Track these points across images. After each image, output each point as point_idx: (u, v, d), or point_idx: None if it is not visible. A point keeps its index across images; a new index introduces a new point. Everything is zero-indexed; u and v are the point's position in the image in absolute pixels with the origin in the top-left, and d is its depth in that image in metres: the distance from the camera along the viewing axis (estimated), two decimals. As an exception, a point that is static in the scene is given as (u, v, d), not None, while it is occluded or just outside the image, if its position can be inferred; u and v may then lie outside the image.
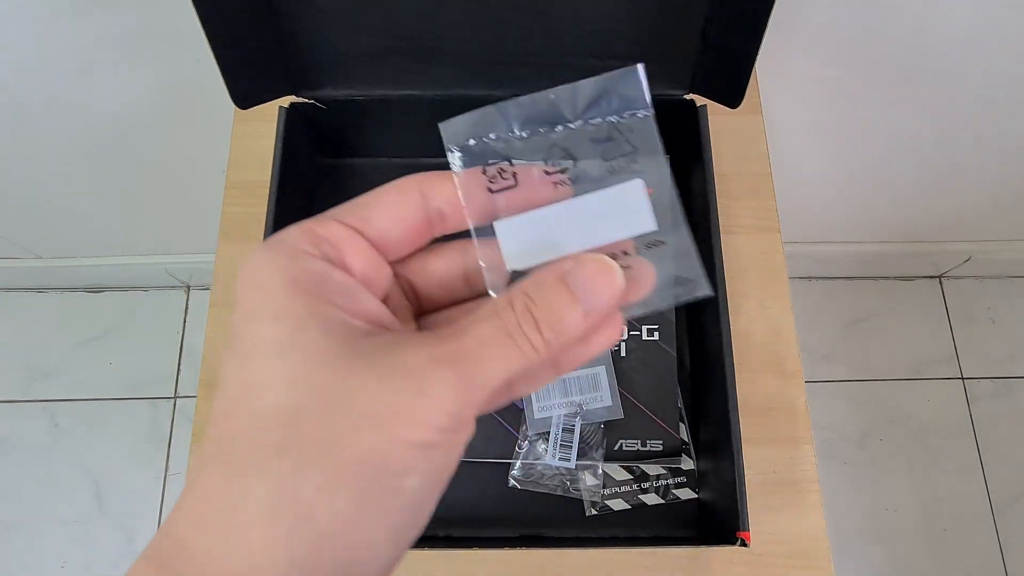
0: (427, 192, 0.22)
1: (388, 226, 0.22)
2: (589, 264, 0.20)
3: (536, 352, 0.20)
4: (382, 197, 0.22)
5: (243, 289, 0.20)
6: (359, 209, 0.22)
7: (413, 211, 0.22)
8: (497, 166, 0.22)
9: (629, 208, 0.21)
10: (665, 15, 0.46)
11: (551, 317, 0.20)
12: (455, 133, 0.22)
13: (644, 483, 0.50)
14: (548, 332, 0.20)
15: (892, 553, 1.12)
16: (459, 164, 0.22)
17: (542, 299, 0.20)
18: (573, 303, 0.20)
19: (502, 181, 0.22)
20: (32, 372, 1.21)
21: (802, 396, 0.53)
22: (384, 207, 0.22)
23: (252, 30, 0.45)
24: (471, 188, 0.22)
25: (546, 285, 0.20)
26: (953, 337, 1.24)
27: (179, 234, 1.08)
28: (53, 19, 0.64)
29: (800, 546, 0.49)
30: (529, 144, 0.22)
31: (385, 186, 0.22)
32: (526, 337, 0.20)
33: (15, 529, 1.11)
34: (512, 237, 0.21)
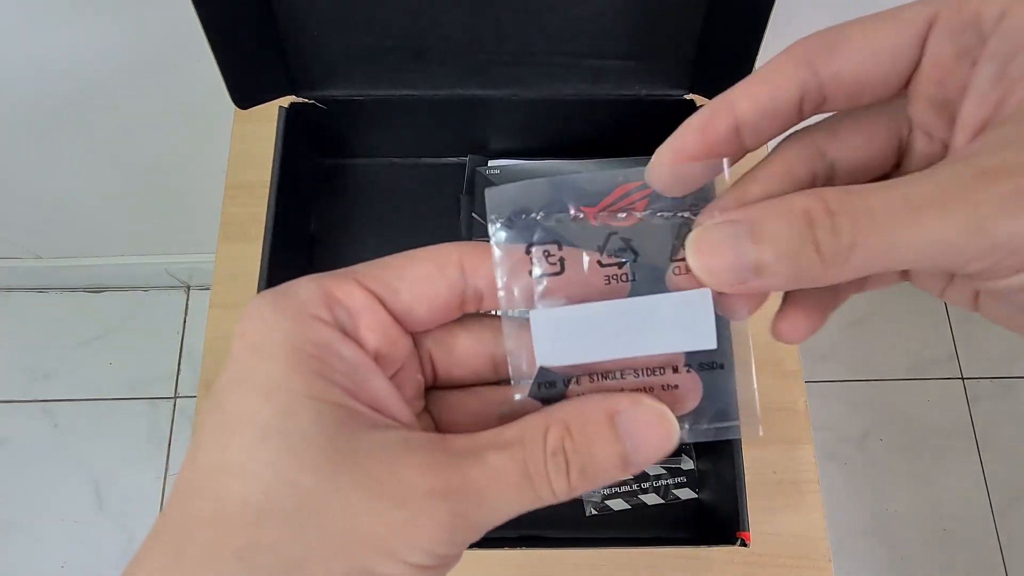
0: (469, 269, 0.19)
1: (416, 301, 0.19)
2: (646, 411, 0.18)
3: (554, 497, 0.18)
4: (416, 266, 0.19)
5: (240, 348, 0.18)
6: (387, 274, 0.19)
7: (448, 288, 0.19)
8: (544, 248, 0.19)
9: (690, 319, 0.19)
10: (664, 15, 0.46)
11: (587, 461, 0.17)
12: (501, 202, 0.19)
13: (644, 483, 0.50)
14: (578, 478, 0.17)
15: (892, 553, 1.12)
16: (501, 238, 0.19)
17: (583, 438, 0.17)
18: (617, 452, 0.17)
19: (547, 265, 0.19)
20: (32, 372, 1.21)
21: (802, 396, 0.53)
22: (416, 279, 0.19)
23: (252, 30, 0.45)
24: (510, 268, 0.19)
25: (592, 422, 0.18)
26: (953, 337, 1.24)
27: (179, 234, 1.08)
28: (55, 20, 0.64)
29: (800, 546, 0.49)
30: (585, 228, 0.19)
31: (421, 252, 0.19)
32: (548, 480, 0.17)
33: (15, 529, 1.11)
34: (548, 330, 0.19)
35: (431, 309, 0.19)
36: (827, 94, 0.19)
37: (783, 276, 0.17)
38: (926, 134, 0.20)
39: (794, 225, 0.17)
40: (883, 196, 0.16)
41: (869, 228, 0.16)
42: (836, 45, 0.18)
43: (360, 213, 0.57)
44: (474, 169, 0.56)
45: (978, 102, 0.18)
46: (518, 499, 0.17)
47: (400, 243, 0.65)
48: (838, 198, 0.16)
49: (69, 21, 0.64)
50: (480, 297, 0.20)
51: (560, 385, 0.19)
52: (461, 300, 0.20)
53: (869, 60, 0.18)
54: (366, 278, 0.19)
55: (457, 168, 0.58)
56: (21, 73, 0.70)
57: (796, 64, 0.19)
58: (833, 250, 0.16)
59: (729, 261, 0.17)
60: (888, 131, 0.20)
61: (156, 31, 0.66)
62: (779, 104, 0.19)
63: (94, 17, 0.64)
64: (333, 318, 0.18)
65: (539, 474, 0.17)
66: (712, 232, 0.18)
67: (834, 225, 0.16)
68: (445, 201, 0.57)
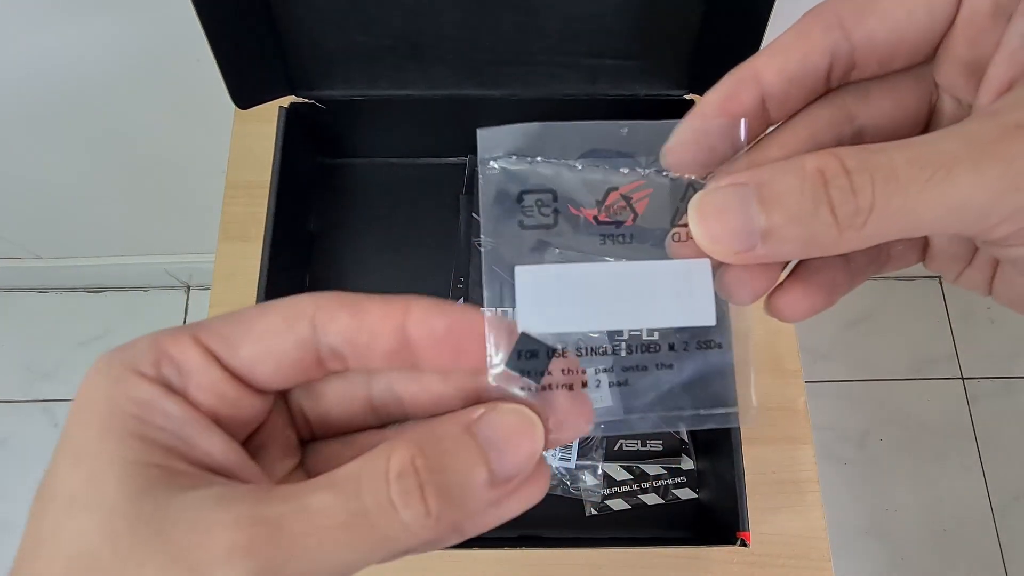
0: (320, 324, 0.17)
1: (260, 357, 0.17)
2: (508, 415, 0.16)
3: (410, 535, 0.15)
4: (264, 319, 0.17)
5: (70, 410, 0.16)
6: (231, 329, 0.17)
7: (294, 345, 0.17)
8: (537, 196, 0.17)
9: (687, 291, 0.17)
10: (663, 14, 0.46)
11: (445, 479, 0.15)
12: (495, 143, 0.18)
13: (644, 483, 0.50)
14: (438, 502, 0.15)
15: (892, 553, 1.12)
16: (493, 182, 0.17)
17: (437, 453, 0.15)
18: (480, 462, 0.16)
19: (539, 216, 0.17)
20: (32, 372, 1.21)
21: (802, 396, 0.53)
22: (261, 334, 0.17)
23: (252, 30, 0.45)
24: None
25: (447, 436, 0.16)
26: (953, 337, 1.24)
27: (179, 234, 1.07)
28: (55, 19, 0.64)
29: (800, 546, 0.49)
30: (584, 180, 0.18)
31: (275, 304, 0.17)
32: (394, 511, 0.15)
33: (15, 529, 1.10)
34: (533, 290, 0.17)
35: (279, 367, 0.17)
36: (858, 60, 0.18)
37: (793, 242, 0.15)
38: (954, 98, 0.19)
39: (806, 185, 0.15)
40: (907, 153, 0.15)
41: (892, 188, 0.14)
42: (867, 5, 0.17)
43: (360, 213, 0.57)
44: (474, 169, 0.56)
45: (1007, 59, 0.17)
46: (352, 544, 0.15)
47: (400, 243, 0.65)
48: (856, 155, 0.15)
49: (69, 21, 0.64)
50: (340, 357, 0.17)
51: (543, 356, 0.17)
52: (316, 358, 0.17)
53: (904, 20, 0.17)
54: (205, 333, 0.17)
55: (457, 168, 0.57)
56: (21, 72, 0.70)
57: (825, 27, 0.17)
58: (850, 212, 0.15)
59: (734, 226, 0.16)
60: (917, 95, 0.19)
61: (156, 31, 0.66)
62: (807, 72, 0.18)
63: (94, 17, 0.64)
64: (158, 375, 0.16)
65: (380, 505, 0.15)
66: (717, 195, 0.16)
67: (852, 184, 0.15)
68: (445, 201, 0.57)
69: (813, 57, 0.17)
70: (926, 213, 0.15)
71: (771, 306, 0.20)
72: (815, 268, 0.19)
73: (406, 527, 0.15)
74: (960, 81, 0.18)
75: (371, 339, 0.17)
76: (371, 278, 0.55)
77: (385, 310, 0.17)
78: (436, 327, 0.17)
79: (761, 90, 0.18)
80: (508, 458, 0.16)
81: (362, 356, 0.17)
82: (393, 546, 0.15)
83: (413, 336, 0.17)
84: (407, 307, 0.17)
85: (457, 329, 0.17)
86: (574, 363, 0.17)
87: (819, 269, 0.19)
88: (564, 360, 0.17)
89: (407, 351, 0.17)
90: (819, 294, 0.19)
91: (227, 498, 0.15)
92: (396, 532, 0.15)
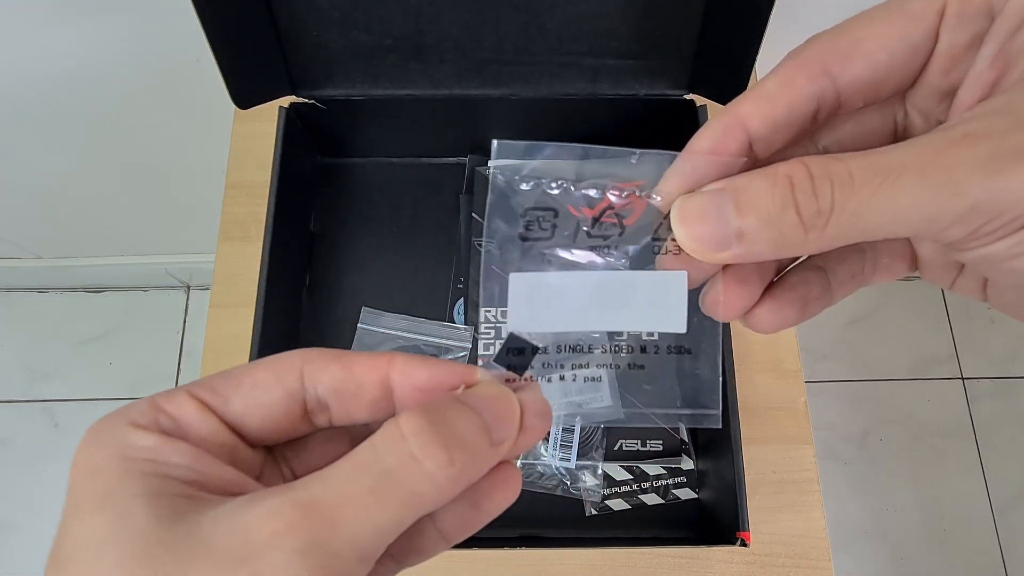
0: (309, 376, 0.18)
1: (250, 409, 0.18)
2: (488, 387, 0.18)
3: (436, 487, 0.16)
4: (254, 373, 0.18)
5: (72, 476, 0.16)
6: (222, 383, 0.18)
7: (283, 396, 0.18)
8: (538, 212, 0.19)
9: (664, 301, 0.19)
10: (664, 14, 0.46)
11: (457, 432, 0.16)
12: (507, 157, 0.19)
13: (644, 483, 0.50)
14: (456, 449, 0.16)
15: (892, 553, 1.12)
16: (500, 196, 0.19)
17: (441, 415, 0.17)
18: (477, 421, 0.17)
19: (537, 229, 0.19)
20: (32, 372, 1.21)
21: (802, 396, 0.53)
22: (251, 387, 0.18)
23: (252, 30, 0.45)
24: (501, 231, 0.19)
25: (443, 404, 0.17)
26: (953, 337, 1.24)
27: (179, 234, 1.08)
28: (55, 19, 0.64)
29: (800, 546, 0.49)
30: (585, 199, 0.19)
31: (265, 359, 0.19)
32: (421, 466, 0.16)
33: (15, 529, 1.11)
34: (525, 294, 0.19)
35: (268, 419, 0.18)
36: (844, 101, 0.19)
37: (764, 242, 0.17)
38: (924, 115, 0.20)
39: (776, 190, 0.17)
40: (863, 161, 0.16)
41: (848, 192, 0.16)
42: (850, 50, 0.18)
43: (360, 213, 0.57)
44: (474, 169, 0.56)
45: (975, 80, 0.18)
46: (385, 504, 0.15)
47: (400, 243, 0.65)
48: (819, 163, 0.16)
49: (69, 22, 0.64)
50: (326, 408, 0.18)
51: (529, 353, 0.19)
52: (303, 410, 0.18)
53: (885, 62, 0.18)
54: (199, 388, 0.18)
55: (457, 168, 0.58)
56: (21, 73, 0.70)
57: (810, 76, 0.18)
58: (812, 213, 0.16)
59: (712, 228, 0.17)
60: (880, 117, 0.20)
61: (156, 31, 0.66)
62: (794, 118, 0.19)
63: (94, 18, 0.64)
64: (158, 426, 0.17)
65: (403, 463, 0.16)
66: (697, 199, 0.18)
67: (815, 188, 0.16)
68: (445, 200, 0.57)
69: (799, 105, 0.19)
70: (878, 216, 0.16)
71: (746, 319, 0.21)
72: (789, 284, 0.21)
73: (431, 477, 0.16)
74: (933, 105, 0.19)
75: (358, 389, 0.18)
76: (371, 278, 0.55)
77: (371, 363, 0.18)
78: (418, 378, 0.18)
79: (748, 135, 0.19)
80: (498, 419, 0.17)
81: (347, 406, 0.18)
82: (421, 501, 0.16)
83: (396, 386, 0.18)
84: (391, 360, 0.18)
85: (436, 380, 0.18)
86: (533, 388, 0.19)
87: (793, 286, 0.21)
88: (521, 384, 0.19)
89: (388, 400, 0.18)
90: (792, 308, 0.21)
91: (256, 498, 0.16)
92: (422, 485, 0.16)
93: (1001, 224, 0.16)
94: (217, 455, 0.17)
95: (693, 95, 0.50)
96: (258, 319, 0.45)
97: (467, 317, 0.53)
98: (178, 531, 0.15)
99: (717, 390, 0.20)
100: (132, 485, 0.16)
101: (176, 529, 0.15)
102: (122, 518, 0.15)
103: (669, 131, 0.52)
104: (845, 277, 0.21)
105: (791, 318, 0.21)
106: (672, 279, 0.19)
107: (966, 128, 0.16)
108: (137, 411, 0.17)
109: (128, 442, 0.17)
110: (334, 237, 0.57)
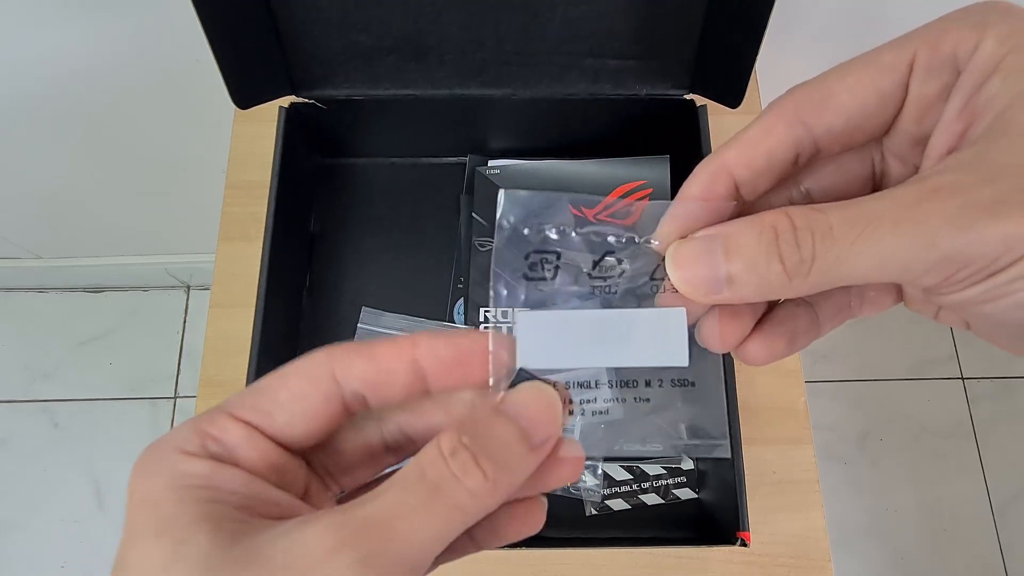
0: (341, 376, 0.19)
1: (293, 421, 0.19)
2: (524, 391, 0.19)
3: (476, 500, 0.17)
4: (288, 384, 0.19)
5: (130, 506, 0.17)
6: (260, 401, 0.19)
7: (322, 401, 0.19)
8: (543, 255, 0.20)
9: (665, 336, 0.20)
10: (665, 15, 0.46)
11: (491, 447, 0.17)
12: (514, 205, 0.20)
13: (644, 483, 0.50)
14: (492, 468, 0.17)
15: (892, 553, 1.12)
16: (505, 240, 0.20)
17: (478, 429, 0.17)
18: (514, 429, 0.18)
19: (541, 271, 0.20)
20: (32, 372, 1.21)
21: (802, 396, 0.53)
22: (290, 400, 0.19)
23: (252, 30, 0.45)
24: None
25: (481, 417, 0.18)
26: (953, 337, 1.24)
27: (179, 234, 1.08)
28: (55, 19, 0.64)
29: (800, 546, 0.49)
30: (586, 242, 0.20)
31: (292, 369, 0.19)
32: (459, 482, 0.17)
33: (15, 529, 1.11)
34: (532, 332, 0.19)
35: (311, 425, 0.19)
36: (821, 147, 0.20)
37: (751, 286, 0.18)
38: (902, 163, 0.21)
39: (762, 239, 0.18)
40: (841, 213, 0.17)
41: (828, 243, 0.17)
42: (824, 101, 0.19)
43: (360, 213, 0.57)
44: (474, 169, 0.56)
45: (944, 132, 0.19)
46: (433, 518, 0.16)
47: (400, 243, 0.65)
48: (802, 214, 0.18)
49: (69, 21, 0.64)
50: (362, 399, 0.19)
51: None
52: (342, 408, 0.19)
53: (858, 112, 0.19)
54: (239, 409, 0.18)
55: (457, 168, 0.57)
56: (21, 73, 0.70)
57: (788, 124, 0.20)
58: (796, 262, 0.18)
59: (704, 273, 0.19)
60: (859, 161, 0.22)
61: (156, 31, 0.66)
62: (775, 164, 0.20)
63: (94, 17, 0.64)
64: (207, 452, 0.18)
65: (446, 480, 0.17)
66: (690, 245, 0.19)
67: (797, 239, 0.17)
68: (445, 201, 0.57)
69: (779, 152, 0.20)
70: (857, 265, 0.17)
71: (737, 351, 0.22)
72: (778, 320, 0.22)
73: (472, 493, 0.17)
74: (908, 150, 0.20)
75: (388, 376, 0.19)
76: (371, 278, 0.55)
77: (396, 350, 0.19)
78: (443, 354, 0.19)
79: (734, 181, 0.20)
80: (536, 423, 0.18)
81: (382, 393, 0.19)
82: (465, 513, 0.17)
83: (424, 366, 0.19)
84: (414, 342, 0.19)
85: (462, 351, 0.19)
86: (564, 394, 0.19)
87: (782, 321, 0.22)
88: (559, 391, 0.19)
89: (420, 381, 0.19)
90: (781, 341, 0.22)
91: (311, 519, 0.16)
92: (464, 500, 0.17)
93: (971, 273, 0.17)
94: (267, 478, 0.18)
95: (694, 95, 0.50)
96: (258, 319, 0.45)
97: (467, 317, 0.53)
98: (238, 551, 0.16)
99: (723, 420, 0.21)
100: (190, 511, 0.16)
101: (236, 549, 0.16)
102: (184, 542, 0.16)
103: (669, 131, 0.52)
104: (832, 312, 0.23)
105: (780, 351, 0.22)
106: (672, 315, 0.20)
107: (936, 181, 0.17)
108: (183, 438, 0.18)
109: (181, 471, 0.17)
110: (334, 237, 0.57)
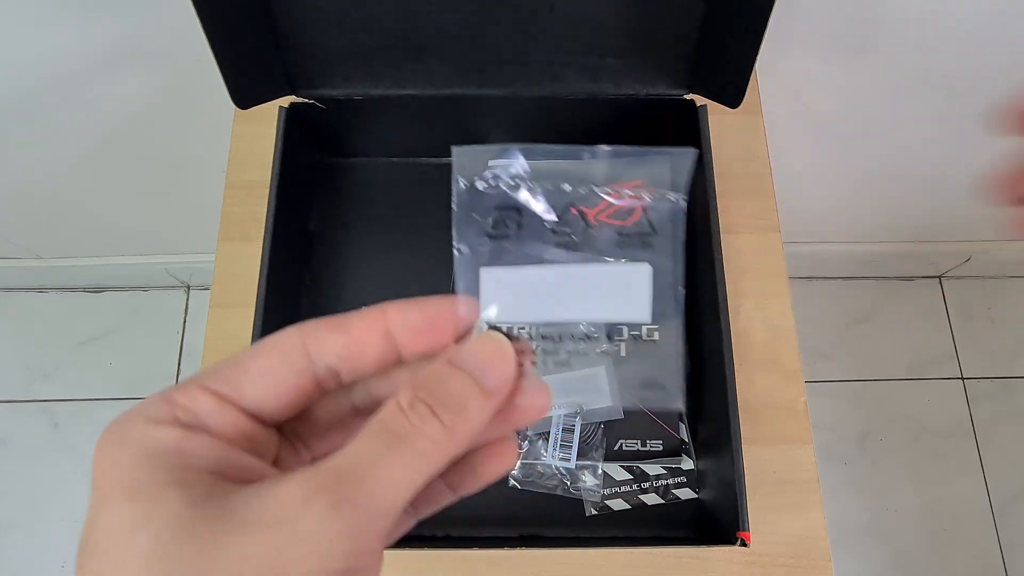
0: (313, 350, 0.19)
1: (264, 395, 0.19)
2: (477, 342, 0.19)
3: (437, 446, 0.18)
4: (259, 358, 0.19)
5: (97, 474, 0.17)
6: (231, 372, 0.19)
7: (294, 375, 0.19)
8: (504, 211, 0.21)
9: (629, 292, 0.20)
10: (664, 14, 0.46)
11: (446, 397, 0.18)
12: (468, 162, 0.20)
13: (644, 483, 0.50)
14: (448, 415, 0.18)
15: (892, 553, 1.12)
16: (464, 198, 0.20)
17: (432, 383, 0.18)
18: (468, 379, 0.19)
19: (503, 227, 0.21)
20: (32, 372, 1.21)
21: (802, 396, 0.53)
22: (260, 374, 0.19)
23: (252, 30, 0.45)
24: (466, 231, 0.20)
25: (435, 371, 0.19)
26: (953, 337, 1.24)
27: (179, 234, 1.07)
28: (54, 18, 0.64)
29: (800, 546, 0.49)
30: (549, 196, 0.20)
31: (266, 344, 0.19)
32: (421, 431, 0.18)
33: (15, 529, 1.11)
34: (496, 288, 0.20)
35: (282, 399, 0.19)
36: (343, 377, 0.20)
37: None
38: None
39: None
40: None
41: None
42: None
43: (360, 212, 0.57)
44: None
45: None
46: (398, 465, 0.17)
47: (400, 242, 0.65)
48: None
49: (69, 20, 0.64)
50: (336, 374, 0.20)
51: None
52: (314, 382, 0.20)
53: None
54: (210, 379, 0.19)
55: (457, 168, 0.58)
56: (20, 72, 0.70)
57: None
58: None
59: None
60: None
61: (156, 31, 0.66)
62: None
63: (94, 17, 0.64)
64: (176, 421, 0.18)
65: (406, 430, 0.18)
66: None
67: None
68: (445, 201, 0.57)
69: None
70: None
71: None
72: None
73: (433, 440, 0.18)
74: None
75: (362, 348, 0.19)
76: (371, 278, 0.55)
77: (367, 322, 0.19)
78: (414, 321, 0.20)
79: None
80: (488, 369, 0.19)
81: (355, 365, 0.20)
82: (430, 460, 0.18)
83: (396, 334, 0.20)
84: (384, 312, 0.20)
85: (431, 318, 0.20)
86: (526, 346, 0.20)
87: None
88: (518, 344, 0.20)
89: (393, 350, 0.20)
90: None
91: (283, 477, 0.17)
92: (426, 447, 0.18)
93: None
94: (238, 445, 0.18)
95: (693, 95, 0.50)
96: (258, 319, 0.45)
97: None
98: (212, 510, 0.16)
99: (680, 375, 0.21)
100: (161, 477, 0.17)
101: (209, 508, 0.16)
102: (155, 504, 0.16)
103: (669, 131, 0.52)
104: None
105: None
106: (636, 271, 0.20)
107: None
108: (153, 408, 0.18)
109: (150, 437, 0.17)
110: (334, 237, 0.57)
